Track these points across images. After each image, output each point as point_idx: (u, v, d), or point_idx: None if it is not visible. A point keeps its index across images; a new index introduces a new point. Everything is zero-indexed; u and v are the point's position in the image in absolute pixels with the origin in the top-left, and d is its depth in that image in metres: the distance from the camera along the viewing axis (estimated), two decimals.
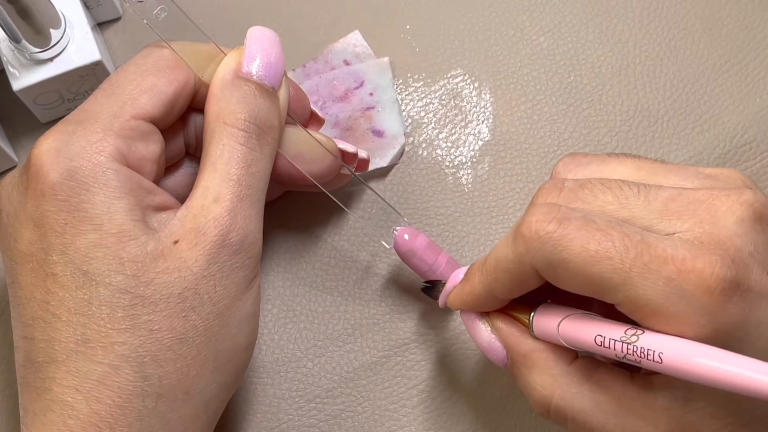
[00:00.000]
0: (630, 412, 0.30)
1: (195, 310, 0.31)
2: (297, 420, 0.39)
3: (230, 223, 0.32)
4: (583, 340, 0.30)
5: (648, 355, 0.28)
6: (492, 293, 0.33)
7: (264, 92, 0.34)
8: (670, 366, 0.28)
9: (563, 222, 0.29)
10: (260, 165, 0.34)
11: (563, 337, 0.31)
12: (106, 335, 0.30)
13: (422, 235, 0.38)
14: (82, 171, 0.31)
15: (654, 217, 0.30)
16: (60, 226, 0.31)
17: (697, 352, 0.27)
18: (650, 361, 0.28)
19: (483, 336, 0.34)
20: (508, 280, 0.32)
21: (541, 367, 0.32)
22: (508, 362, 0.33)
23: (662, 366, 0.28)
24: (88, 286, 0.31)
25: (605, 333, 0.29)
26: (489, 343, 0.34)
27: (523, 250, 0.30)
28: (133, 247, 0.31)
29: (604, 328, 0.29)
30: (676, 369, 0.27)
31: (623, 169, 0.33)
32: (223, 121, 0.33)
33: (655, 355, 0.28)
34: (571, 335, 0.31)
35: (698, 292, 0.28)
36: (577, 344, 0.31)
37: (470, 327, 0.34)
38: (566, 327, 0.31)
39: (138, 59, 0.34)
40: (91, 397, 0.30)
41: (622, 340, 0.29)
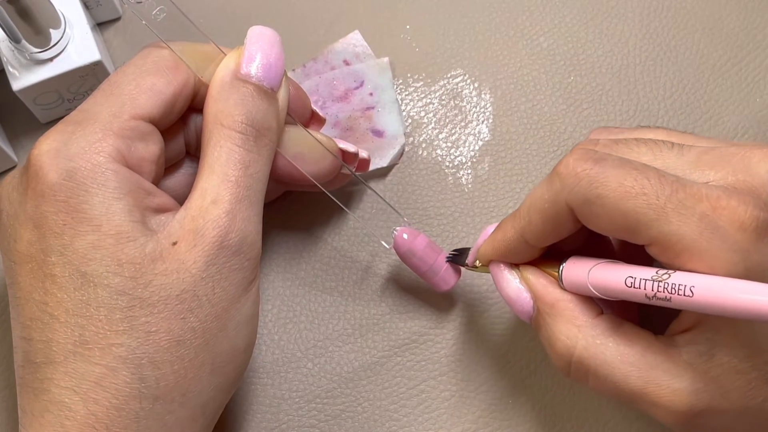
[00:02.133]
0: (653, 366, 0.31)
1: (193, 312, 0.31)
2: (297, 420, 0.39)
3: (229, 225, 0.32)
4: (613, 283, 0.31)
5: (679, 290, 0.28)
6: (524, 238, 0.33)
7: (262, 94, 0.34)
8: (701, 300, 0.28)
9: (600, 161, 0.30)
10: (258, 166, 0.33)
11: (593, 283, 0.31)
12: (103, 337, 0.30)
13: (422, 235, 0.38)
14: (81, 171, 0.31)
15: (687, 168, 0.31)
16: (59, 227, 0.31)
17: (728, 285, 0.27)
18: (681, 296, 0.28)
19: (511, 286, 0.34)
20: (541, 222, 0.32)
21: (567, 317, 0.32)
22: (533, 314, 0.34)
23: (693, 300, 0.28)
24: (86, 288, 0.30)
25: (636, 274, 0.30)
26: (516, 294, 0.34)
27: (559, 188, 0.31)
28: (131, 248, 0.31)
29: (634, 271, 0.30)
30: (707, 303, 0.28)
31: (654, 135, 0.33)
32: (220, 123, 0.33)
33: (686, 290, 0.28)
34: (600, 280, 0.31)
35: (732, 229, 0.28)
36: (606, 290, 0.31)
37: (498, 278, 0.35)
38: (596, 273, 0.32)
39: (137, 60, 0.34)
40: (88, 399, 0.30)
41: (653, 279, 0.29)
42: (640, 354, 0.31)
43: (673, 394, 0.30)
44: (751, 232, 0.28)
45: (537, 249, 0.34)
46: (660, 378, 0.30)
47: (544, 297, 0.33)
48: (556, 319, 0.33)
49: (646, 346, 0.31)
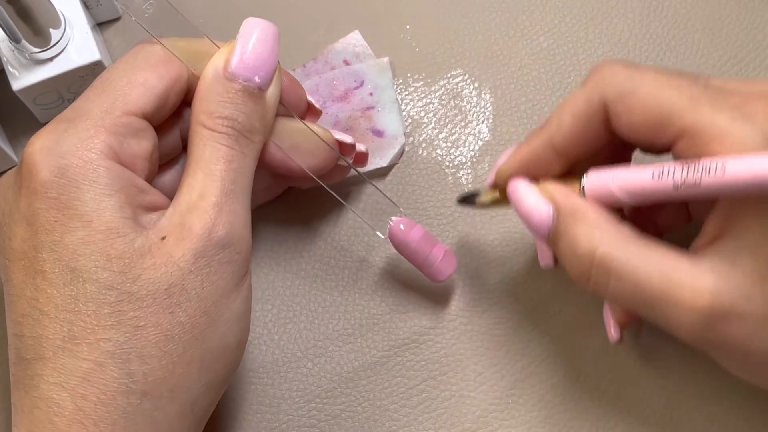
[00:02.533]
0: (676, 267, 0.31)
1: (181, 306, 0.31)
2: (297, 420, 0.39)
3: (215, 218, 0.32)
4: (640, 179, 0.31)
5: (710, 169, 0.29)
6: (551, 144, 0.34)
7: (248, 94, 0.34)
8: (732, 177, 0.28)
9: (636, 65, 0.32)
10: (242, 161, 0.34)
11: (618, 183, 0.32)
12: (92, 332, 0.30)
13: (418, 226, 0.38)
14: (72, 168, 0.31)
15: None
16: (50, 224, 0.31)
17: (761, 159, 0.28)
18: (712, 175, 0.29)
19: (530, 198, 0.34)
20: (572, 122, 0.33)
21: (589, 221, 0.32)
22: (552, 225, 0.33)
23: (724, 180, 0.28)
24: (75, 283, 0.31)
25: (663, 167, 0.31)
26: (536, 205, 0.34)
27: (595, 84, 0.32)
28: (121, 243, 0.31)
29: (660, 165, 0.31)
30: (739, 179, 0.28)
31: None
32: (203, 122, 0.33)
33: (717, 168, 0.29)
34: (626, 180, 0.32)
35: (762, 117, 0.30)
36: (632, 189, 0.31)
37: (516, 192, 0.34)
38: (621, 173, 0.32)
39: (128, 56, 0.35)
40: (77, 395, 0.30)
41: (681, 165, 0.30)
42: (662, 256, 0.31)
43: (695, 292, 0.30)
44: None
45: (562, 161, 0.34)
46: (682, 278, 0.31)
47: (566, 204, 0.33)
48: (579, 224, 0.32)
49: (669, 250, 0.31)
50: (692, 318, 0.31)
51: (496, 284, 0.41)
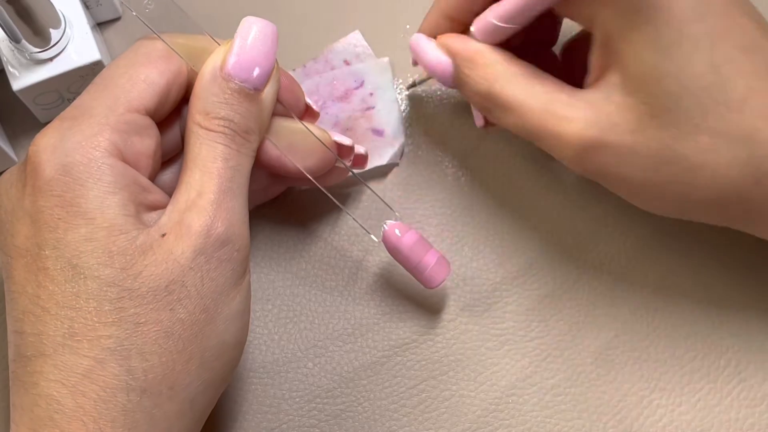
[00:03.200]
0: (556, 100, 0.35)
1: (182, 303, 0.31)
2: (297, 420, 0.39)
3: (214, 215, 0.32)
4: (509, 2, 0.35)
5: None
6: (445, 14, 0.38)
7: (243, 95, 0.34)
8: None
9: None
10: (239, 160, 0.34)
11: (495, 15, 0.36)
12: (92, 329, 0.30)
13: (412, 231, 0.38)
14: (77, 166, 0.31)
15: None
16: (54, 221, 0.31)
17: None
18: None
19: (430, 52, 0.38)
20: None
21: (483, 63, 0.37)
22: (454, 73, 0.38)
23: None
24: (76, 280, 0.31)
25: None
26: (436, 58, 0.38)
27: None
28: (122, 240, 0.31)
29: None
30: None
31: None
32: (199, 122, 0.33)
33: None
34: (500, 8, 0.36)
35: None
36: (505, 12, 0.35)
37: (418, 48, 0.39)
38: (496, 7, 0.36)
39: (129, 53, 0.35)
40: (77, 392, 0.30)
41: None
42: (546, 91, 0.35)
43: (568, 123, 0.34)
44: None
45: (457, 28, 0.38)
46: (559, 110, 0.35)
47: (461, 50, 0.37)
48: (474, 66, 0.37)
49: (554, 86, 0.36)
50: (568, 147, 0.35)
51: (496, 284, 0.41)
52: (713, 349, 0.40)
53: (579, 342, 0.40)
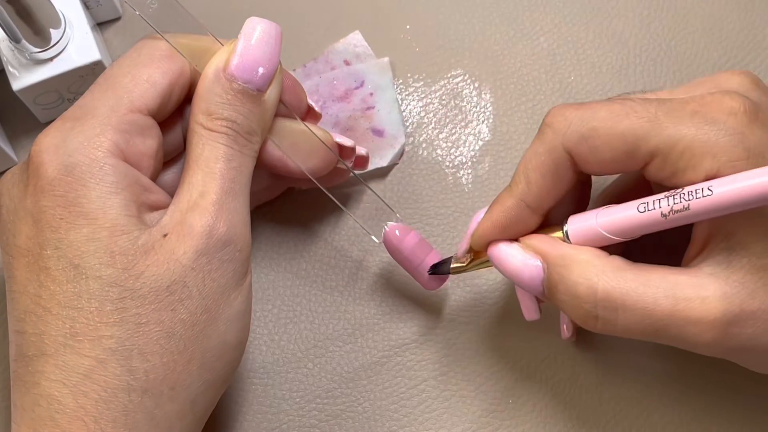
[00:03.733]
0: (678, 283, 0.31)
1: (183, 303, 0.31)
2: (297, 420, 0.39)
3: (216, 215, 0.32)
4: (625, 215, 0.31)
5: (696, 193, 0.30)
6: (525, 203, 0.33)
7: (246, 96, 0.34)
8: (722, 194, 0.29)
9: (584, 104, 0.32)
10: (241, 160, 0.34)
11: (602, 224, 0.32)
12: (94, 329, 0.30)
13: (414, 232, 0.38)
14: (79, 166, 0.31)
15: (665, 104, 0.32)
16: (56, 222, 0.31)
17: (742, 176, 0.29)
18: (700, 197, 0.29)
19: (515, 257, 0.33)
20: (540, 178, 0.33)
21: (582, 263, 0.32)
22: (544, 277, 0.33)
23: (712, 199, 0.29)
24: (78, 280, 0.31)
25: (647, 200, 0.31)
26: (522, 263, 0.33)
27: (552, 135, 0.32)
28: (124, 240, 0.31)
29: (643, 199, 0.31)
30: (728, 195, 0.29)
31: None
32: (202, 122, 0.33)
33: (705, 190, 0.29)
34: (611, 218, 0.32)
35: (723, 116, 0.30)
36: (619, 226, 0.32)
37: (499, 255, 0.34)
38: (605, 213, 0.32)
39: (132, 52, 0.35)
40: (78, 392, 0.30)
41: (667, 196, 0.30)
42: (662, 277, 0.31)
43: (704, 303, 0.30)
44: (742, 114, 0.30)
45: (537, 216, 0.34)
46: (687, 292, 0.30)
47: (554, 252, 0.33)
48: (572, 268, 0.32)
49: (665, 271, 0.31)
50: (708, 330, 0.30)
51: (496, 284, 0.41)
52: None
53: (579, 342, 0.40)
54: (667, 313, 0.31)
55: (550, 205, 0.33)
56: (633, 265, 0.32)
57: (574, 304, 0.32)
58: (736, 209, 0.29)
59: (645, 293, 0.31)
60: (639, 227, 0.31)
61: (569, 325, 0.37)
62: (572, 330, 0.37)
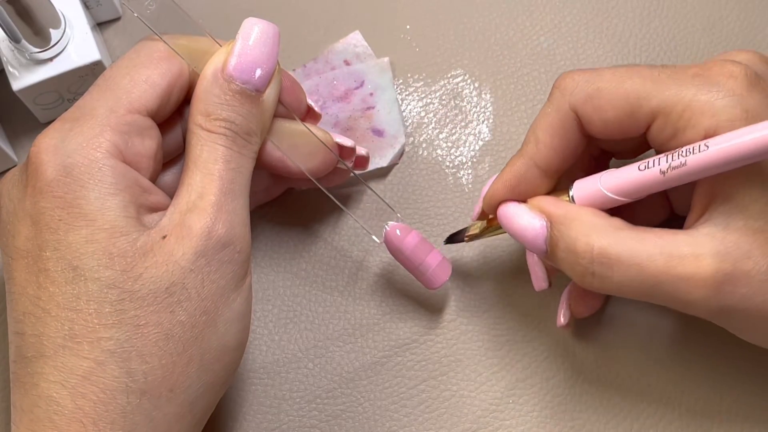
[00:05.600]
0: (673, 242, 0.32)
1: (182, 305, 0.31)
2: (297, 420, 0.39)
3: (215, 217, 0.32)
4: (626, 175, 0.33)
5: (693, 150, 0.31)
6: (534, 162, 0.35)
7: (245, 97, 0.34)
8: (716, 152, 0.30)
9: (591, 69, 0.34)
10: (240, 161, 0.34)
11: (606, 185, 0.33)
12: (93, 330, 0.30)
13: (414, 232, 0.38)
14: (78, 167, 0.31)
15: None
16: (54, 223, 0.31)
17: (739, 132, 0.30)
18: (697, 153, 0.30)
19: (522, 216, 0.35)
20: (549, 138, 0.34)
21: (582, 221, 0.33)
22: (547, 234, 0.34)
23: (708, 154, 0.30)
24: (77, 281, 0.31)
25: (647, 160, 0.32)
26: (528, 221, 0.34)
27: (560, 96, 0.34)
28: (123, 242, 0.31)
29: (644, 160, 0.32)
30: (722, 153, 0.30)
31: None
32: (201, 123, 0.33)
33: (701, 146, 0.30)
34: (613, 179, 0.33)
35: (724, 78, 0.31)
36: (620, 186, 0.33)
37: (507, 214, 0.35)
38: (607, 175, 0.34)
39: (130, 53, 0.35)
40: (76, 393, 0.30)
41: (666, 155, 0.32)
42: (659, 237, 0.32)
43: (697, 260, 0.31)
44: (743, 78, 0.31)
45: (548, 179, 0.35)
46: (682, 250, 0.31)
47: (558, 211, 0.34)
48: (572, 225, 0.33)
49: (662, 231, 0.32)
50: (700, 286, 0.31)
51: (497, 284, 0.41)
52: (715, 349, 0.40)
53: (579, 342, 0.40)
54: (661, 269, 0.31)
55: (559, 166, 0.35)
56: (632, 226, 0.33)
57: (572, 260, 0.33)
58: (732, 165, 0.30)
59: (640, 250, 0.32)
60: (640, 186, 0.32)
61: (566, 313, 0.38)
62: (568, 318, 0.38)
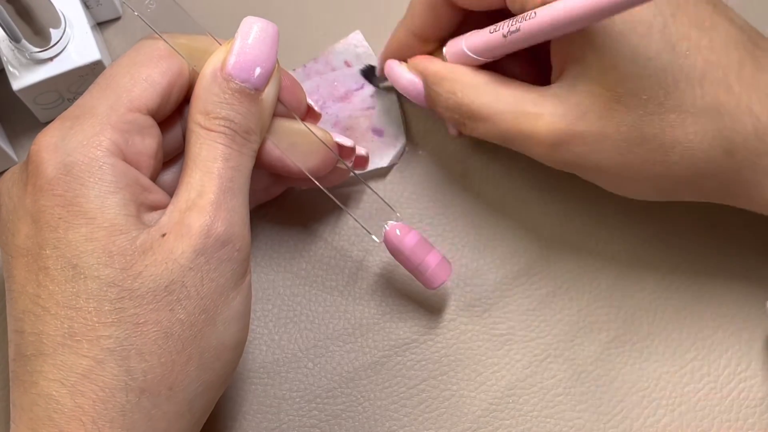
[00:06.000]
0: (524, 101, 0.36)
1: (181, 304, 0.31)
2: (297, 420, 0.39)
3: (214, 215, 0.32)
4: (480, 36, 0.36)
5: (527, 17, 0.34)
6: (411, 31, 0.39)
7: (244, 95, 0.34)
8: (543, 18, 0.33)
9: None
10: (240, 160, 0.34)
11: (468, 45, 0.37)
12: (92, 329, 0.30)
13: (414, 231, 0.38)
14: (78, 166, 0.31)
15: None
16: (54, 221, 0.31)
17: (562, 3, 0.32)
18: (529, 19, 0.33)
19: (404, 76, 0.39)
20: (422, 10, 0.38)
21: (451, 78, 0.37)
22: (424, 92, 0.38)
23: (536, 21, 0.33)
24: (76, 280, 0.31)
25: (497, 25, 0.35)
26: (409, 80, 0.39)
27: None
28: (122, 240, 0.31)
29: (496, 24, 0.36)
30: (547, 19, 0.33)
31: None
32: (200, 121, 0.33)
33: (531, 13, 0.33)
34: (471, 39, 0.37)
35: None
36: (476, 44, 0.37)
37: (392, 73, 0.40)
38: (469, 37, 0.37)
39: (131, 52, 0.35)
40: (76, 391, 0.30)
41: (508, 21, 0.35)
42: (514, 94, 0.36)
43: (537, 119, 0.35)
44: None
45: (428, 44, 0.39)
46: (528, 107, 0.35)
47: (431, 70, 0.38)
48: (443, 82, 0.38)
49: (521, 88, 0.36)
50: (541, 144, 0.35)
51: (496, 284, 0.41)
52: (714, 349, 0.40)
53: (579, 342, 0.40)
54: (510, 125, 0.36)
55: (436, 35, 0.39)
56: (494, 80, 0.37)
57: (447, 115, 0.38)
58: (561, 30, 0.33)
59: (495, 107, 0.36)
60: (490, 47, 0.36)
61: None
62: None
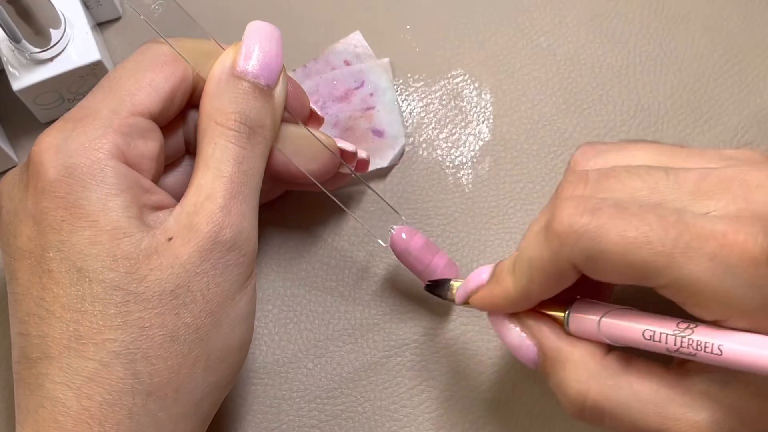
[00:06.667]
0: (669, 400, 0.30)
1: (187, 308, 0.31)
2: (297, 420, 0.39)
3: (223, 220, 0.32)
4: (629, 335, 0.30)
5: (705, 347, 0.28)
6: (527, 295, 0.32)
7: (258, 91, 0.34)
8: (731, 358, 0.28)
9: (596, 212, 0.29)
10: (252, 162, 0.34)
11: (605, 333, 0.31)
12: (98, 332, 0.30)
13: (419, 234, 0.38)
14: (80, 168, 0.31)
15: (686, 199, 0.29)
16: (57, 223, 0.31)
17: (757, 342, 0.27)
18: (708, 353, 0.28)
19: (513, 335, 0.33)
20: (544, 279, 0.31)
21: (575, 363, 0.31)
22: (538, 361, 0.32)
23: (722, 358, 0.28)
24: (81, 283, 0.31)
25: (654, 327, 0.29)
26: (519, 342, 0.33)
27: (558, 247, 0.29)
28: (127, 244, 0.31)
29: (652, 322, 0.29)
30: (738, 361, 0.27)
31: (644, 155, 0.32)
32: (214, 121, 0.33)
33: (714, 348, 0.28)
34: (614, 331, 0.30)
35: (744, 265, 0.27)
36: (620, 340, 0.30)
37: (499, 327, 0.33)
38: (608, 323, 0.31)
39: (136, 56, 0.35)
40: (82, 394, 0.30)
41: (675, 334, 0.29)
42: (655, 390, 0.30)
43: (693, 427, 0.29)
44: (765, 265, 0.27)
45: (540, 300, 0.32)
46: (677, 412, 0.30)
47: (549, 344, 0.32)
48: (565, 366, 0.31)
49: (659, 381, 0.30)
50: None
51: None
52: None
53: None
54: (655, 430, 0.30)
55: (554, 294, 0.32)
56: (627, 370, 0.31)
57: (563, 399, 0.32)
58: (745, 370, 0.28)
59: (634, 407, 0.30)
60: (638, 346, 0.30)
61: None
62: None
